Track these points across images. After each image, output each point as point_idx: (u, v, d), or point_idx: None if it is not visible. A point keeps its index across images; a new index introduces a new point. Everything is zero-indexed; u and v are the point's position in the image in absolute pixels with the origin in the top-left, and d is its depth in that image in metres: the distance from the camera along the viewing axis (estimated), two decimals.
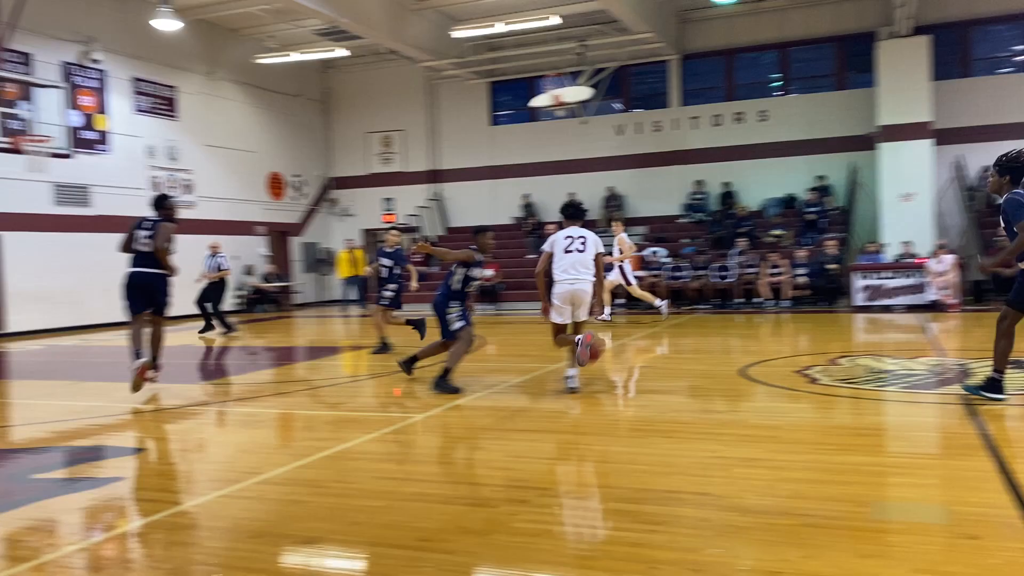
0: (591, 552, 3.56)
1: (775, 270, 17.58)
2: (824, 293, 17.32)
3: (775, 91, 21.80)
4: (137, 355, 8.09)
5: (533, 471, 4.88)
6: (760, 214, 20.68)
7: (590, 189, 22.24)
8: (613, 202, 22.08)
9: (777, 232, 19.57)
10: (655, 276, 18.49)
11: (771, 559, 3.39)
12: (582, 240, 7.46)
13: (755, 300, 17.72)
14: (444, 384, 7.67)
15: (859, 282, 16.60)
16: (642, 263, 19.28)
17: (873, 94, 18.60)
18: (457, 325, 7.84)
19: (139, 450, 5.94)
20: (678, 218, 21.76)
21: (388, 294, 11.23)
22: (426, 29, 20.42)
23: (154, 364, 8.45)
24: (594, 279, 7.44)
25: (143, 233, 8.33)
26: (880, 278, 16.59)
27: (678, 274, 18.29)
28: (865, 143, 19.31)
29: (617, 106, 23.02)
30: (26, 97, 14.95)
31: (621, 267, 14.86)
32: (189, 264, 11.58)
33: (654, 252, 19.22)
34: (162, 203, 8.61)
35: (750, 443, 5.53)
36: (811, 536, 3.64)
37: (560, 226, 7.84)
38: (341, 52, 21.72)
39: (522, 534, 3.79)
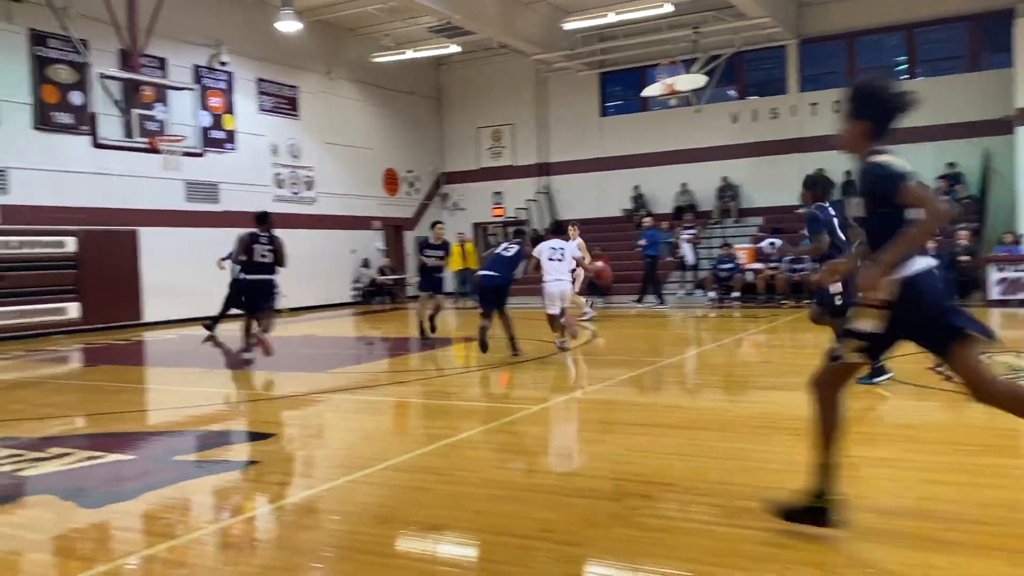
0: (719, 550, 3.47)
1: None
2: (956, 287, 16.39)
3: (901, 74, 20.75)
4: (247, 348, 10.15)
5: (654, 466, 4.80)
6: None
7: (703, 179, 21.82)
8: (728, 192, 21.56)
9: None
10: (773, 268, 17.94)
11: (916, 564, 3.22)
12: (561, 251, 10.15)
13: None
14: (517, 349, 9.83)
15: (995, 275, 15.63)
16: (759, 255, 18.75)
17: (1010, 75, 17.43)
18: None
19: (269, 435, 6.19)
20: (797, 208, 21.02)
21: (441, 283, 12.66)
22: (537, 22, 20.44)
23: (265, 348, 10.02)
24: (571, 278, 10.43)
25: (263, 247, 9.99)
26: (1018, 270, 15.57)
27: (797, 266, 17.67)
28: (1000, 127, 18.13)
29: (732, 93, 22.43)
30: (162, 99, 15.80)
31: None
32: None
33: (771, 244, 18.64)
34: (267, 218, 10.22)
35: (883, 442, 5.29)
36: (958, 542, 3.44)
37: (546, 237, 10.65)
38: (454, 48, 22.01)
39: (647, 529, 3.73)
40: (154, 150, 14.54)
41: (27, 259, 14.98)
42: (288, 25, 17.79)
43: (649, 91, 21.02)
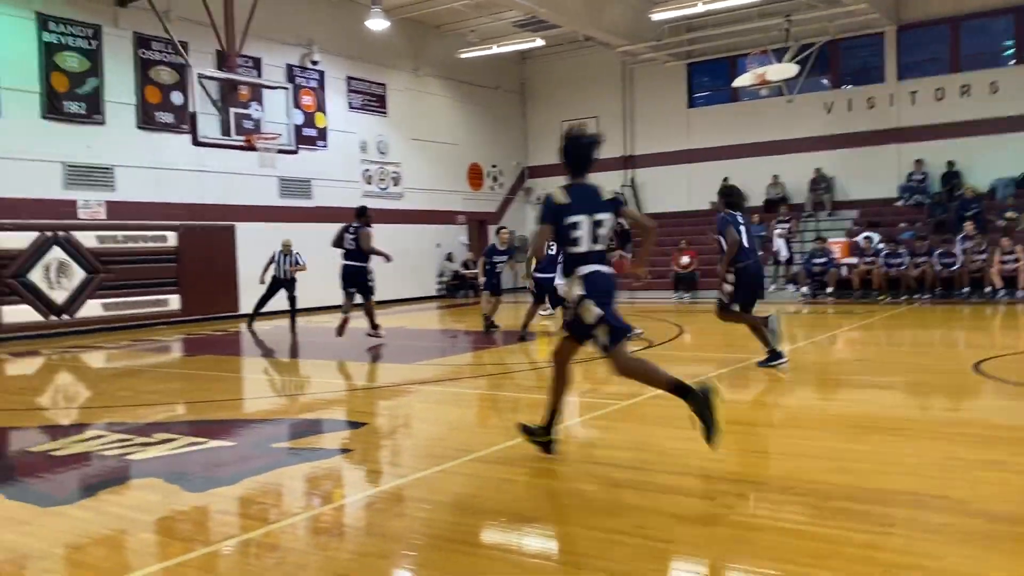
0: (817, 551, 3.37)
1: (1008, 257, 15.95)
2: None
3: (1008, 60, 19.71)
4: (345, 311, 11.61)
5: (747, 464, 4.70)
6: (990, 195, 18.83)
7: (796, 171, 21.25)
8: (821, 184, 20.93)
9: (1010, 215, 17.72)
10: (868, 263, 17.33)
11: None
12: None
13: (984, 290, 16.17)
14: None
15: None
16: (854, 249, 18.15)
17: None
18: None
19: (361, 424, 6.31)
20: (894, 201, 20.27)
21: (497, 283, 13.34)
22: (623, 14, 20.24)
23: (374, 327, 11.61)
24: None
25: (349, 236, 11.42)
26: None
27: (894, 261, 17.03)
28: None
29: (825, 82, 21.74)
30: (257, 98, 16.28)
31: None
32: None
33: (867, 238, 18.00)
34: (363, 213, 11.63)
35: (991, 445, 5.04)
36: None
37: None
38: (538, 42, 22.01)
39: (743, 528, 3.65)
40: (250, 148, 14.99)
41: (131, 253, 15.68)
42: (377, 23, 18.10)
43: (739, 81, 20.55)
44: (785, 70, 19.83)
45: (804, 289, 17.89)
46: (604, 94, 24.40)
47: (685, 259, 19.08)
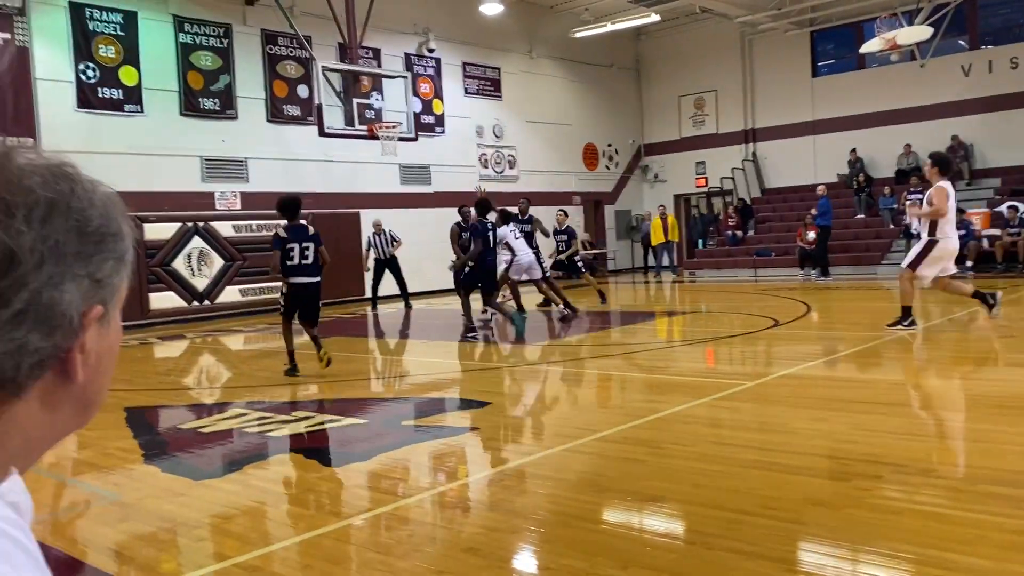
0: (962, 536, 3.22)
1: None
2: None
3: None
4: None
5: (884, 446, 4.52)
6: None
7: (930, 139, 20.03)
8: (959, 152, 19.70)
9: None
10: (1013, 235, 16.24)
11: None
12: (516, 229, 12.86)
13: None
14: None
15: None
16: (996, 220, 17.04)
17: None
18: None
19: (485, 403, 6.44)
20: None
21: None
22: None
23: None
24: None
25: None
26: None
27: None
28: None
29: (962, 44, 20.40)
30: (377, 88, 16.70)
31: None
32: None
33: (1012, 207, 16.85)
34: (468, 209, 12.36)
35: None
36: None
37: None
38: (654, 18, 21.59)
39: (880, 511, 3.53)
40: (373, 137, 15.40)
41: (265, 241, 16.36)
42: (491, 8, 18.22)
43: (867, 47, 19.52)
44: (917, 33, 18.69)
45: None
46: (722, 67, 23.73)
47: (812, 235, 18.38)
